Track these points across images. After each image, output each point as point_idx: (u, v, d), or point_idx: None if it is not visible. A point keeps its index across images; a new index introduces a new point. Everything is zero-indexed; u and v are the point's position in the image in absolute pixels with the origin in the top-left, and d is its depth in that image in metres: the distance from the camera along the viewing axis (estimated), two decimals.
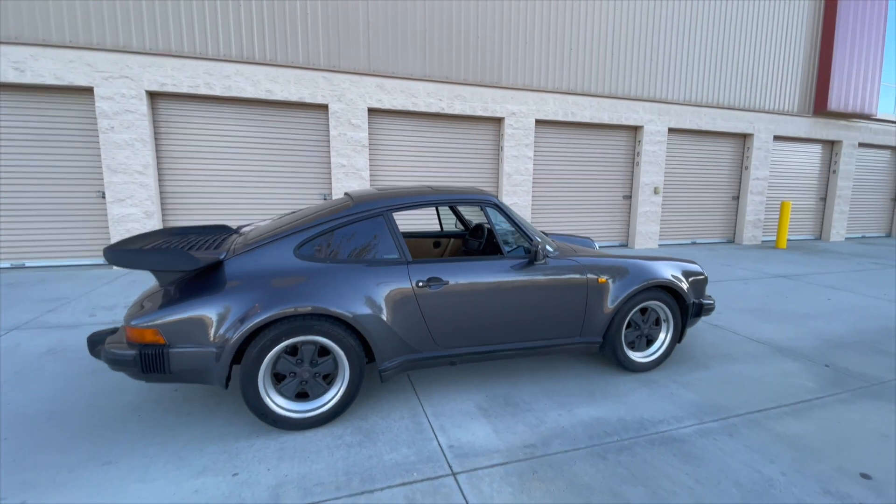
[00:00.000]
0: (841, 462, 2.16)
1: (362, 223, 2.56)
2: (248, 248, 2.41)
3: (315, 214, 2.62)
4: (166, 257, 2.14)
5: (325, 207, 2.73)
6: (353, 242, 2.52)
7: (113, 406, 2.52)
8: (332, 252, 2.47)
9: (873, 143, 10.87)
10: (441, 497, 1.87)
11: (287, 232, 2.46)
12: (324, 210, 2.66)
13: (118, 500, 1.81)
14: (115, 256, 2.12)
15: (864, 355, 3.51)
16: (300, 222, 2.53)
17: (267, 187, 6.73)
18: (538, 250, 2.67)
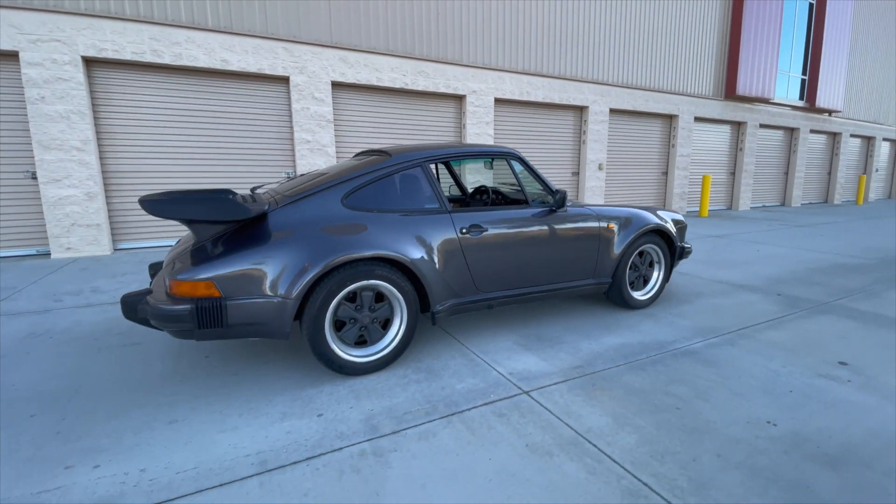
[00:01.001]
0: (821, 356, 2.65)
1: (403, 174, 2.60)
2: (294, 200, 2.36)
3: (352, 168, 2.62)
4: (218, 206, 2.05)
5: (361, 162, 2.72)
6: (396, 192, 2.56)
7: (143, 377, 2.35)
8: (377, 202, 2.50)
9: (771, 124, 12.61)
10: (525, 409, 2.03)
11: (331, 183, 2.44)
12: (362, 163, 2.65)
13: (210, 450, 1.75)
14: (158, 206, 1.98)
15: (802, 287, 4.22)
16: (340, 174, 2.52)
17: (224, 165, 6.31)
18: (562, 199, 2.90)
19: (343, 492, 1.52)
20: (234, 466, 1.64)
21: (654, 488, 1.54)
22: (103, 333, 2.93)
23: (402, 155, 2.64)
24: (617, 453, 1.73)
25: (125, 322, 3.14)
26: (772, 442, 1.81)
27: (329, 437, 1.82)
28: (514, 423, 1.92)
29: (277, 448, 1.75)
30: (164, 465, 1.65)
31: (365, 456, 1.70)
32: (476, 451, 1.74)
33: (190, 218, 2.02)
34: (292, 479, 1.58)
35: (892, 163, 17.54)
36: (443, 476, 1.60)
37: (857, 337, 2.94)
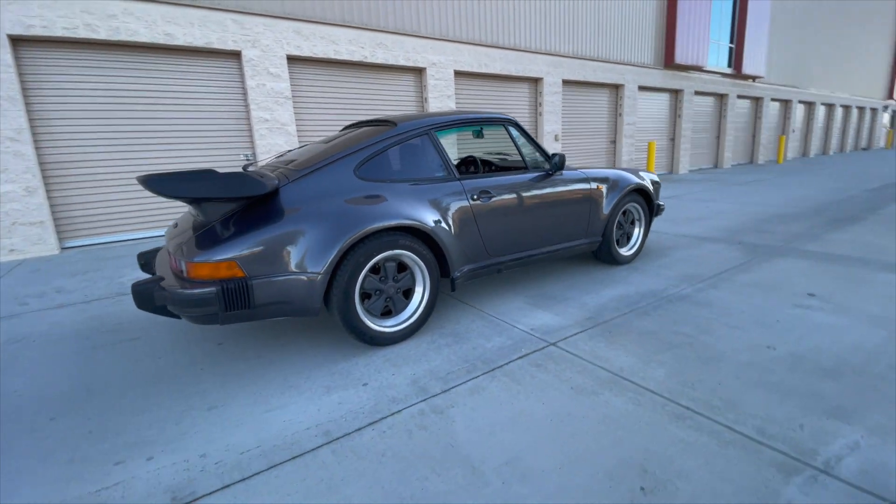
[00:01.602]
0: (791, 290, 2.99)
1: (411, 143, 2.58)
2: (306, 173, 2.28)
3: (359, 138, 2.56)
4: (236, 182, 1.95)
5: (367, 132, 2.66)
6: (406, 161, 2.55)
7: (157, 370, 2.23)
8: (389, 172, 2.47)
9: (704, 91, 13.50)
10: (557, 358, 2.16)
11: (341, 154, 2.38)
12: (368, 133, 2.60)
13: (265, 428, 1.72)
14: (165, 185, 1.85)
15: (755, 235, 4.67)
16: (348, 145, 2.45)
17: (176, 150, 5.84)
18: (561, 161, 3.00)
19: (419, 447, 1.56)
20: (299, 440, 1.63)
21: (695, 410, 1.72)
22: (91, 332, 2.71)
23: (409, 123, 2.61)
24: (653, 385, 1.90)
25: (110, 319, 2.91)
26: (776, 363, 2.06)
27: (383, 402, 1.85)
28: (552, 371, 2.04)
29: (335, 418, 1.75)
30: (223, 447, 1.61)
31: (425, 415, 1.75)
32: (527, 398, 1.84)
33: (205, 196, 1.91)
34: (363, 443, 1.60)
35: (806, 124, 19.43)
36: (507, 422, 1.68)
37: (815, 272, 3.34)
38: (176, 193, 1.86)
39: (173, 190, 1.85)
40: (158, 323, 2.81)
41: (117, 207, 5.56)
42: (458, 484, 1.40)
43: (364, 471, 1.46)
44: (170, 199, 2.46)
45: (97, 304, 3.21)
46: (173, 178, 1.86)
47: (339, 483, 1.41)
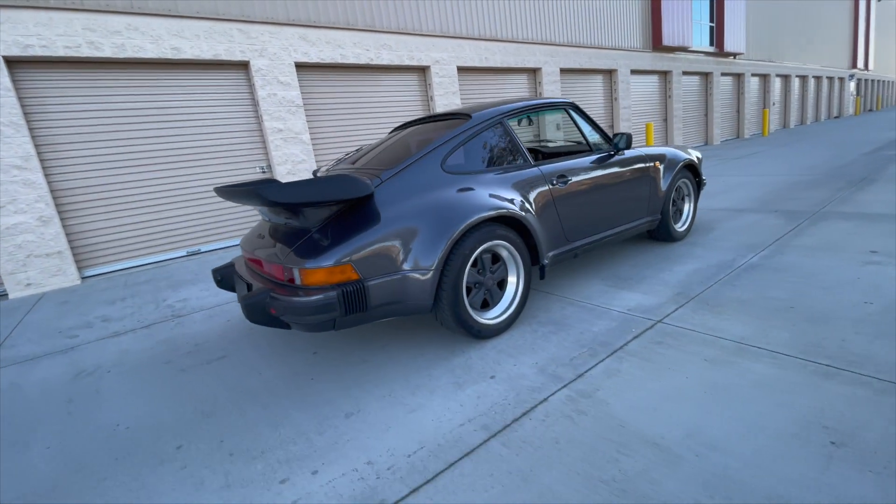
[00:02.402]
0: (853, 250, 3.05)
1: (488, 132, 2.55)
2: (397, 171, 2.23)
3: (436, 133, 2.53)
4: (342, 185, 1.89)
5: (442, 126, 2.62)
6: (486, 151, 2.51)
7: (265, 385, 2.15)
8: (472, 163, 2.43)
9: (691, 71, 13.74)
10: (673, 334, 2.15)
11: (426, 150, 2.33)
12: (444, 127, 2.56)
13: (418, 429, 1.67)
14: (284, 192, 1.78)
15: (786, 203, 4.76)
16: (429, 140, 2.42)
17: (188, 167, 5.68)
18: (628, 140, 3.01)
19: (589, 431, 1.53)
20: (461, 437, 1.58)
21: (836, 366, 1.73)
22: (168, 356, 2.60)
23: (482, 113, 2.57)
24: (783, 349, 1.90)
25: (182, 341, 2.80)
26: (882, 315, 2.09)
27: (523, 392, 1.81)
28: (675, 347, 2.03)
29: (483, 412, 1.71)
30: (384, 452, 1.55)
31: (575, 400, 1.72)
32: (668, 374, 1.82)
33: (324, 200, 1.85)
34: (530, 433, 1.56)
35: (783, 96, 19.96)
36: (661, 398, 1.66)
37: (863, 232, 3.41)
38: (295, 199, 1.80)
39: (292, 196, 1.79)
40: (237, 339, 2.72)
41: (136, 231, 5.38)
42: (651, 460, 1.37)
43: (549, 459, 1.42)
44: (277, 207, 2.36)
45: (158, 329, 3.09)
46: (291, 186, 1.79)
47: (530, 473, 1.37)
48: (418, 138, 2.68)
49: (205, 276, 4.46)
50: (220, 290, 3.86)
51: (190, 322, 3.16)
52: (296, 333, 2.69)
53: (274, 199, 1.77)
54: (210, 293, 3.83)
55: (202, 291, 3.92)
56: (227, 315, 3.20)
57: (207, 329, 2.97)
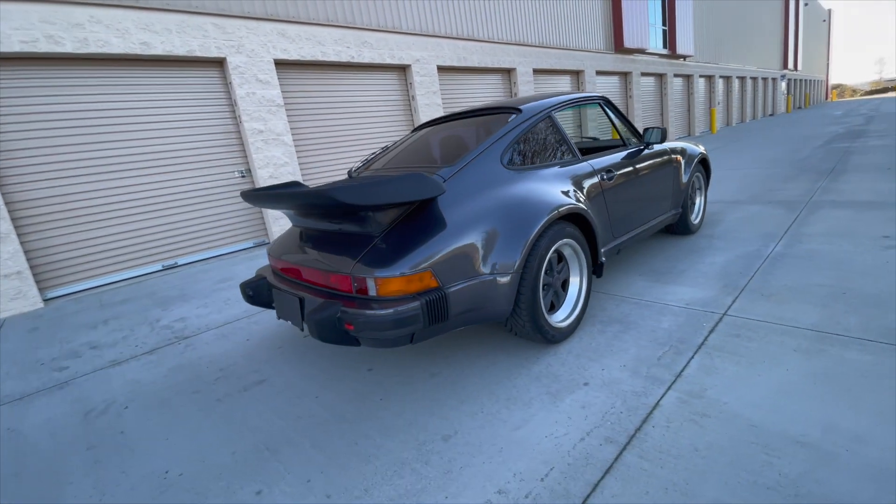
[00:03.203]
0: (865, 235, 3.20)
1: (539, 126, 2.44)
2: (459, 168, 2.07)
3: (483, 127, 2.39)
4: (415, 185, 1.71)
5: (487, 121, 2.48)
6: (539, 146, 2.40)
7: (330, 410, 1.91)
8: (527, 158, 2.31)
9: (648, 72, 14.37)
10: (743, 325, 2.12)
11: (484, 146, 2.19)
12: (492, 122, 2.42)
13: (535, 448, 1.52)
14: (351, 194, 1.58)
15: (774, 194, 5.00)
16: (478, 136, 2.28)
17: (160, 173, 5.17)
18: (664, 134, 3.00)
19: (722, 434, 1.45)
20: (590, 452, 1.45)
21: None
22: (193, 384, 2.29)
23: (531, 105, 2.47)
24: (862, 335, 1.92)
25: (201, 366, 2.49)
26: None
27: (628, 398, 1.71)
28: (757, 339, 2.00)
29: (598, 423, 1.59)
30: (513, 478, 1.39)
31: (688, 402, 1.64)
32: (766, 367, 1.78)
33: (393, 202, 1.67)
34: (661, 442, 1.45)
35: (726, 96, 21.35)
36: (776, 393, 1.61)
37: (864, 218, 3.61)
38: (373, 201, 1.61)
39: (369, 198, 1.60)
40: (267, 360, 2.44)
41: (104, 245, 4.83)
42: (805, 460, 1.30)
43: (698, 468, 1.32)
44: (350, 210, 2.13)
45: (164, 355, 2.74)
46: (365, 187, 1.60)
47: (687, 486, 1.27)
48: (464, 134, 2.53)
49: (195, 292, 4.06)
50: (224, 307, 3.50)
51: (201, 344, 2.82)
52: (336, 350, 2.46)
53: (353, 202, 1.57)
54: (211, 310, 3.47)
55: (200, 308, 3.54)
56: (242, 333, 2.89)
57: (226, 351, 2.66)
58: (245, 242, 5.92)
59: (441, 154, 2.47)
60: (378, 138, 7.31)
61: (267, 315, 3.18)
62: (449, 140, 2.62)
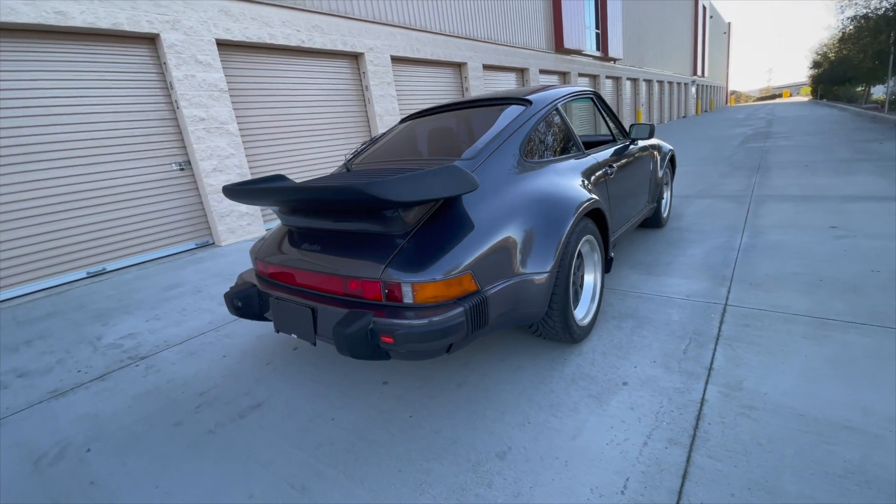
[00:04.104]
0: (815, 227, 3.53)
1: (548, 117, 2.37)
2: (481, 162, 1.94)
3: (492, 118, 2.27)
4: (452, 180, 1.55)
5: (494, 112, 2.35)
6: (550, 139, 2.33)
7: (354, 433, 1.70)
8: (542, 151, 2.23)
9: (584, 73, 15.05)
10: (747, 314, 2.22)
11: (503, 138, 2.07)
12: (505, 113, 2.30)
13: (599, 457, 1.44)
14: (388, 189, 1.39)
15: (720, 189, 5.41)
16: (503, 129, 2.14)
17: (82, 165, 4.43)
18: (652, 129, 3.06)
19: (777, 426, 1.46)
20: (658, 457, 1.40)
21: None
22: (171, 414, 1.94)
23: (539, 97, 2.39)
24: (854, 318, 2.07)
25: (177, 392, 2.12)
26: (893, 280, 2.42)
27: (673, 396, 1.69)
28: (765, 328, 2.09)
29: (654, 425, 1.55)
30: (592, 495, 1.30)
31: (731, 396, 1.65)
32: (786, 355, 1.86)
33: (431, 197, 1.50)
34: (724, 440, 1.44)
35: (648, 98, 23.04)
36: (805, 380, 1.67)
37: (806, 210, 4.00)
38: (412, 198, 1.42)
39: (408, 194, 1.41)
40: (258, 379, 2.15)
41: (15, 251, 4.05)
42: (859, 445, 1.35)
43: (770, 463, 1.32)
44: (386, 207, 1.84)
45: (120, 380, 2.31)
46: (401, 182, 1.41)
47: (767, 483, 1.25)
48: (468, 125, 2.38)
49: (138, 302, 3.53)
50: (182, 318, 3.06)
51: (165, 365, 2.42)
52: (340, 362, 2.22)
53: (392, 198, 1.37)
54: (166, 322, 3.02)
55: (151, 322, 3.07)
56: (215, 349, 2.53)
57: (200, 371, 2.30)
58: (186, 244, 5.30)
59: (446, 146, 2.31)
60: (331, 129, 6.90)
61: (240, 326, 2.82)
62: (451, 131, 2.46)
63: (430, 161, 2.12)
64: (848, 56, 16.87)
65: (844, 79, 21.56)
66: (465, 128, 2.38)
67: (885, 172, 5.22)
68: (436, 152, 2.26)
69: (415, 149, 2.44)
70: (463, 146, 2.20)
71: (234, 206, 5.45)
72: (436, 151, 2.28)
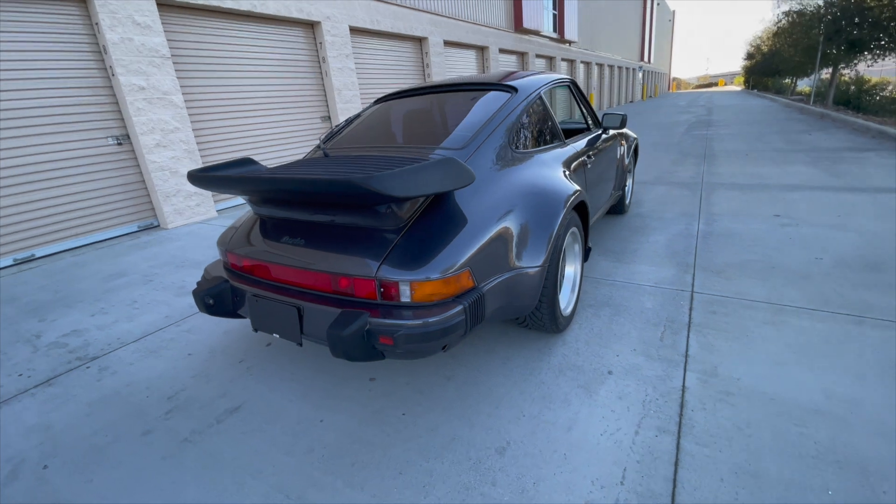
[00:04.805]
0: (761, 215, 3.80)
1: (532, 106, 2.33)
2: (471, 153, 1.89)
3: (476, 105, 2.21)
4: (451, 173, 1.49)
5: (479, 98, 2.28)
6: (535, 127, 2.31)
7: (350, 439, 1.64)
8: (527, 140, 2.21)
9: (541, 54, 15.11)
10: (711, 300, 2.36)
11: (491, 127, 2.02)
12: (488, 100, 2.23)
13: (597, 452, 1.49)
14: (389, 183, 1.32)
15: (672, 176, 5.69)
16: (493, 115, 2.09)
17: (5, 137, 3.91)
18: (625, 120, 3.12)
19: (753, 410, 1.58)
20: (650, 446, 1.47)
21: (856, 314, 2.14)
22: (137, 422, 1.79)
23: (524, 83, 2.35)
24: (805, 305, 2.26)
25: (140, 397, 1.95)
26: (838, 267, 2.66)
27: (656, 384, 1.77)
28: (730, 314, 2.24)
29: (642, 413, 1.61)
30: (594, 487, 1.34)
31: (708, 382, 1.76)
32: (751, 341, 2.00)
33: (431, 192, 1.43)
34: (707, 426, 1.53)
35: (599, 82, 23.62)
36: (771, 365, 1.81)
37: (752, 200, 4.30)
38: (412, 193, 1.35)
39: (407, 189, 1.34)
40: (232, 379, 2.02)
41: None
42: (826, 427, 1.48)
43: (752, 448, 1.42)
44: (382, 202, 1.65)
45: (70, 385, 2.10)
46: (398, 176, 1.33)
47: (751, 467, 1.35)
48: (450, 111, 2.30)
49: (78, 293, 3.20)
50: (133, 312, 2.81)
51: (121, 366, 2.22)
52: (321, 359, 2.14)
53: (391, 193, 1.30)
54: (115, 317, 2.76)
55: (97, 316, 2.80)
56: (177, 347, 2.35)
57: (164, 372, 2.13)
58: (126, 226, 4.85)
59: (427, 132, 2.21)
60: (286, 103, 6.49)
61: (202, 320, 2.63)
62: (431, 116, 2.37)
63: (413, 148, 2.03)
64: (780, 50, 18.10)
65: (775, 71, 23.20)
66: (446, 113, 2.30)
67: (816, 163, 5.71)
68: (417, 138, 2.17)
69: (393, 133, 2.34)
70: (445, 133, 2.13)
71: (182, 186, 5.03)
72: (417, 138, 2.19)
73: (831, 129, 9.14)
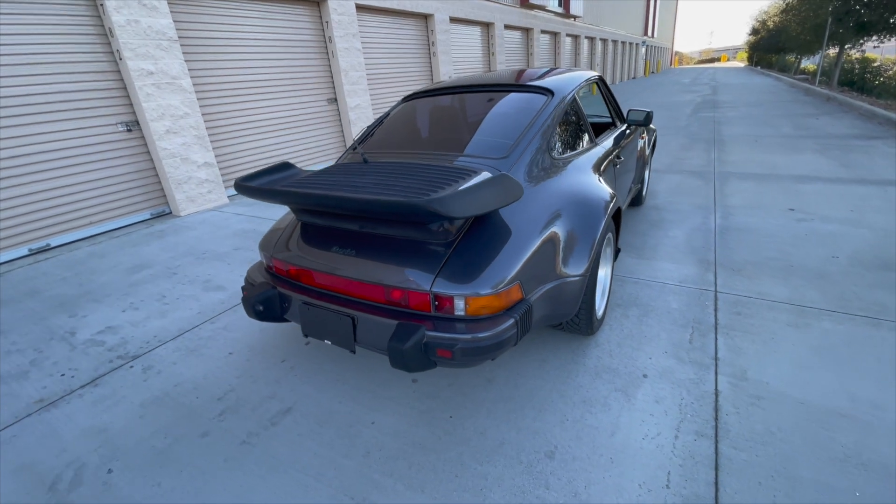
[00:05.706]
0: (775, 209, 3.86)
1: (567, 108, 2.34)
2: (516, 160, 1.91)
3: (513, 108, 2.22)
4: (505, 190, 1.53)
5: (514, 101, 2.28)
6: (570, 130, 2.32)
7: (403, 441, 1.72)
8: (564, 144, 2.23)
9: (546, 30, 14.76)
10: (735, 301, 2.44)
11: (532, 133, 2.03)
12: (525, 103, 2.23)
13: (639, 456, 1.58)
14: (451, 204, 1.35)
15: (685, 164, 5.70)
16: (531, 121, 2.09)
17: (8, 127, 3.83)
18: (650, 116, 3.12)
19: (783, 415, 1.67)
20: (691, 450, 1.56)
21: (872, 316, 2.23)
22: (194, 424, 1.86)
23: (559, 85, 2.35)
24: (826, 306, 2.35)
25: (190, 397, 2.02)
26: (854, 266, 2.74)
27: (690, 387, 1.86)
28: (755, 316, 2.32)
29: (680, 417, 1.70)
30: (642, 490, 1.44)
31: (739, 386, 1.84)
32: (776, 344, 2.08)
33: (490, 209, 1.47)
34: (741, 430, 1.62)
35: (603, 57, 23.16)
36: (797, 368, 1.90)
37: (766, 191, 4.34)
38: (475, 212, 1.40)
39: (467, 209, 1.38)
40: (277, 379, 2.09)
41: None
42: (852, 431, 1.58)
43: (784, 452, 1.52)
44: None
45: (116, 384, 2.16)
46: (459, 197, 1.37)
47: (786, 470, 1.45)
48: (485, 114, 2.30)
49: (103, 287, 3.23)
50: (165, 308, 2.85)
51: (165, 365, 2.28)
52: (355, 358, 2.20)
53: (451, 214, 1.34)
54: (146, 313, 2.80)
55: (128, 312, 2.84)
56: (217, 346, 2.41)
57: (209, 372, 2.20)
58: (139, 214, 4.83)
59: (463, 137, 2.22)
60: (293, 85, 6.38)
61: (236, 316, 2.68)
62: (465, 119, 2.37)
63: (454, 156, 2.04)
64: (786, 27, 17.78)
65: (780, 48, 22.83)
66: (483, 116, 2.30)
67: (825, 151, 5.74)
68: (455, 144, 2.17)
69: (429, 137, 2.34)
70: (484, 139, 2.14)
71: (193, 173, 4.99)
72: (455, 143, 2.19)
73: (838, 112, 9.12)
